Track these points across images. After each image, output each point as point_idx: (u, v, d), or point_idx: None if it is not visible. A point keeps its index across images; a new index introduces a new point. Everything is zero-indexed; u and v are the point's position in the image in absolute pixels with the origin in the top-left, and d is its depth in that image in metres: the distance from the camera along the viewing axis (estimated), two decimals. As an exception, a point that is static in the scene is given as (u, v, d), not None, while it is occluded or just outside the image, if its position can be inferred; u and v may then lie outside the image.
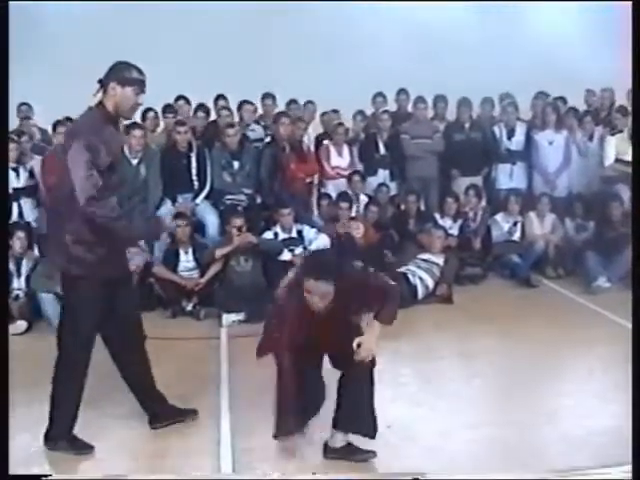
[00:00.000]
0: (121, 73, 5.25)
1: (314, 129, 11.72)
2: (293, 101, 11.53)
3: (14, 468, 5.20)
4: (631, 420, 4.61)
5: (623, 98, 11.35)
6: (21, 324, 8.57)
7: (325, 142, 11.13)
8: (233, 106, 11.08)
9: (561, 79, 11.99)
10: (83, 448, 5.53)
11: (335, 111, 11.89)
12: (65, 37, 13.19)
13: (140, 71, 5.32)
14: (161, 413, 5.82)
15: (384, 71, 12.56)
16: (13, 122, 11.08)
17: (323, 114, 11.90)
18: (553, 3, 13.88)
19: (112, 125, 5.40)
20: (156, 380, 5.82)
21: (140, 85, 5.30)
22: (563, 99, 11.60)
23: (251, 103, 11.03)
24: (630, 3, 7.17)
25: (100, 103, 5.30)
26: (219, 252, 9.20)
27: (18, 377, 7.05)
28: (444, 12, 13.76)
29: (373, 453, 5.21)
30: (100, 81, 5.28)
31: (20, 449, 5.55)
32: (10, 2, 6.67)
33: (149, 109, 10.74)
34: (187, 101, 11.12)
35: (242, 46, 13.11)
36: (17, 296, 8.88)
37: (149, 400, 5.82)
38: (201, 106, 10.96)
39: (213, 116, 11.11)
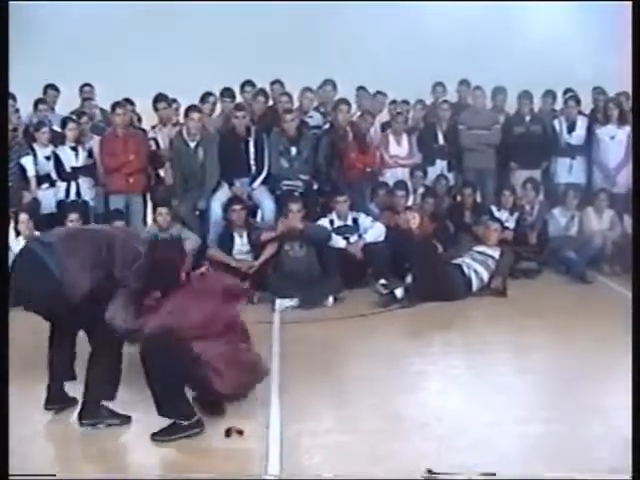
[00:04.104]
0: None
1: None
2: (361, 88, 11.43)
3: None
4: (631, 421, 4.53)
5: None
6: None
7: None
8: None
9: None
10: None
11: (405, 102, 11.80)
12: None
13: None
14: None
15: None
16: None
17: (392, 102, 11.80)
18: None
19: None
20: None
21: None
22: (626, 94, 11.42)
23: (312, 91, 11.00)
24: (630, 3, 7.07)
25: None
26: (264, 236, 9.24)
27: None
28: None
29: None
30: None
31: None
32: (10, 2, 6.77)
33: (209, 93, 10.79)
34: (254, 86, 11.04)
35: (297, 34, 13.17)
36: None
37: None
38: (261, 91, 10.92)
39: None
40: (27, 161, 9.66)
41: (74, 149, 9.94)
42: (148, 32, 13.95)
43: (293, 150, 9.93)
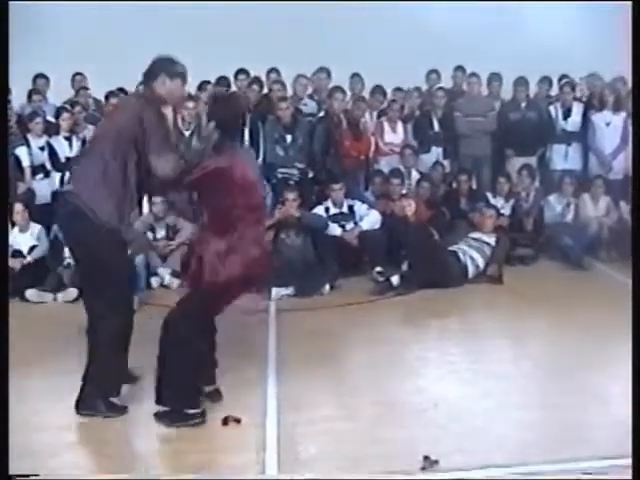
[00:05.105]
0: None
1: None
2: (356, 74, 11.39)
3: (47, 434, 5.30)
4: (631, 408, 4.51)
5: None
6: (72, 291, 8.63)
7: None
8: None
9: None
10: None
11: (400, 89, 11.75)
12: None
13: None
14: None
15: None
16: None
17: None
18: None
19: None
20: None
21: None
22: (622, 80, 11.38)
23: (306, 77, 10.96)
24: (630, 3, 7.04)
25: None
26: None
27: (63, 345, 7.04)
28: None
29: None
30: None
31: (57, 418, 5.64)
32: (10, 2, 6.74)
33: (206, 81, 10.76)
34: (248, 74, 11.00)
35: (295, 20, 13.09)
36: (68, 264, 8.94)
37: None
38: (255, 79, 10.89)
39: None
40: (21, 152, 9.65)
41: (68, 139, 9.93)
42: (144, 21, 13.84)
43: (288, 138, 9.91)
